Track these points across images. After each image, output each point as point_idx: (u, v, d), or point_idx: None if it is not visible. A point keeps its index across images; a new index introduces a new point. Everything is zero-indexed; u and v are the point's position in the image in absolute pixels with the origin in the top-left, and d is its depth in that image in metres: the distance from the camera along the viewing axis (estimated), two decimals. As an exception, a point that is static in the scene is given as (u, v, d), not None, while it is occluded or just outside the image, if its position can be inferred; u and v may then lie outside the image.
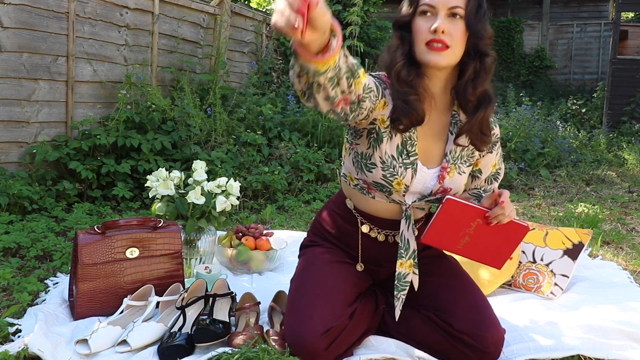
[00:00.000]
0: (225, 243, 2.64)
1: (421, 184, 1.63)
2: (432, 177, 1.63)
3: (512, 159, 5.74)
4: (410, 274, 1.68)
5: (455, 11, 1.50)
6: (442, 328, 1.65)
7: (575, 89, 11.56)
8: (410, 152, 1.59)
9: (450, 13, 1.50)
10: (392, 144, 1.58)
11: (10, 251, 2.72)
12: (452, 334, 1.62)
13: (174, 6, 5.21)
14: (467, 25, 1.51)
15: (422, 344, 1.68)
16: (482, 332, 1.60)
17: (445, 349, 1.65)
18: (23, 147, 3.85)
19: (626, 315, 2.06)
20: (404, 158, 1.59)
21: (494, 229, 1.59)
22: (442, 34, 1.49)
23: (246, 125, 5.20)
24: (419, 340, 1.69)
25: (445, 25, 1.48)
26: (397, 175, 1.58)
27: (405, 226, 1.66)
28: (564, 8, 12.71)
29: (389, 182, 1.60)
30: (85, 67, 4.27)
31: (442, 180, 1.63)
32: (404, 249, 1.66)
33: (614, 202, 4.65)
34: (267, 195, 4.21)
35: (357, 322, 1.67)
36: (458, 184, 1.66)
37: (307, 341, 1.53)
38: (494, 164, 1.76)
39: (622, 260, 2.89)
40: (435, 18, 1.49)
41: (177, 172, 2.52)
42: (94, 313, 1.98)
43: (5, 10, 3.64)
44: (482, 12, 1.52)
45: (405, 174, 1.59)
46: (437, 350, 1.66)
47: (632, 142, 7.82)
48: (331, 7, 7.23)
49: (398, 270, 1.67)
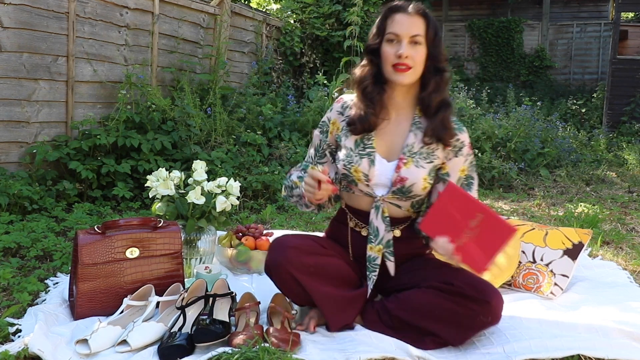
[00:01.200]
0: (225, 243, 2.64)
1: (382, 175, 1.88)
2: (391, 168, 1.89)
3: (512, 159, 5.74)
4: (379, 257, 1.92)
5: (416, 39, 1.83)
6: (443, 290, 1.79)
7: (575, 89, 11.55)
8: (367, 145, 1.90)
9: (412, 40, 1.83)
10: (351, 139, 1.92)
11: (10, 251, 2.72)
12: (453, 291, 1.78)
13: (174, 6, 5.21)
14: (426, 50, 1.85)
15: (428, 315, 1.79)
16: (481, 286, 1.79)
17: (449, 309, 1.77)
18: (23, 147, 3.85)
19: (626, 315, 2.06)
20: (360, 149, 1.89)
21: (484, 229, 1.68)
22: (406, 59, 1.82)
23: (246, 125, 5.21)
24: (425, 311, 1.80)
25: (408, 51, 1.82)
26: (353, 163, 1.88)
27: (374, 215, 1.91)
28: (564, 8, 12.71)
29: (349, 170, 1.89)
30: (85, 67, 4.27)
31: (398, 170, 1.87)
32: (374, 235, 1.91)
33: (614, 202, 4.65)
34: (267, 195, 4.21)
35: (337, 264, 1.91)
36: (415, 175, 1.86)
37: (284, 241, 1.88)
38: (463, 169, 1.94)
39: (622, 260, 2.89)
40: (400, 45, 1.82)
41: (177, 172, 2.52)
42: (94, 313, 1.98)
43: (5, 10, 3.64)
44: (438, 38, 1.87)
45: (360, 162, 1.87)
46: (443, 317, 1.77)
47: (632, 142, 7.82)
48: (331, 7, 7.23)
49: (368, 253, 1.92)
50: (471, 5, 13.23)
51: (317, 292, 1.86)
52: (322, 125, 2.03)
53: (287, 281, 1.87)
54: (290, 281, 1.86)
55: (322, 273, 1.87)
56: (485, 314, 1.76)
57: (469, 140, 1.95)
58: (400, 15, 1.84)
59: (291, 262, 1.83)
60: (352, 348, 1.76)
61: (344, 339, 1.84)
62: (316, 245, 1.94)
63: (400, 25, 1.83)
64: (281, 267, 1.84)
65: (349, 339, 1.83)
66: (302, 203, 1.97)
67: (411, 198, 1.91)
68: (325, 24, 7.26)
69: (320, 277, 1.86)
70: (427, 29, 1.84)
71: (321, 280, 1.87)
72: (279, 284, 1.93)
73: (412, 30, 1.82)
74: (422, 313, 1.81)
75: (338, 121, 1.98)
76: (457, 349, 1.84)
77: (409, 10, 1.85)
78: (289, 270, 1.83)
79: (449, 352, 1.83)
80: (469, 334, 1.82)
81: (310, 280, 1.85)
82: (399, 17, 1.84)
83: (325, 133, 2.00)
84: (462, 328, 1.79)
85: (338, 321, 1.89)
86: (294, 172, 2.04)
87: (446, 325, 1.79)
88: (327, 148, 2.00)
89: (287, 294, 1.95)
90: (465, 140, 1.93)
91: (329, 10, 7.25)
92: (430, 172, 1.89)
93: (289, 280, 1.86)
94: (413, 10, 1.85)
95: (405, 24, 1.83)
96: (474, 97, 7.28)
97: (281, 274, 1.86)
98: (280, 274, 1.86)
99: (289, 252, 1.84)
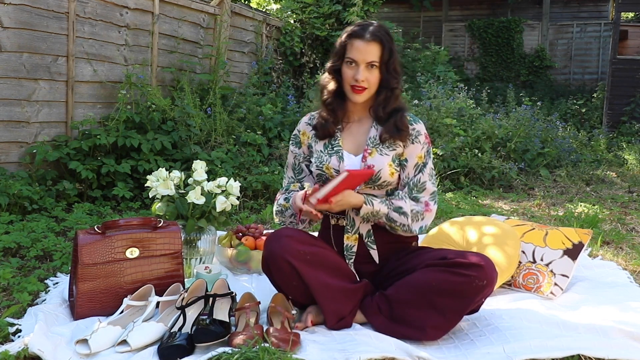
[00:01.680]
0: (225, 243, 2.64)
1: (351, 167, 2.03)
2: (359, 160, 2.05)
3: (512, 159, 5.74)
4: (355, 245, 2.06)
5: (372, 64, 1.98)
6: (438, 265, 1.90)
7: (575, 89, 11.55)
8: (334, 144, 2.08)
9: (368, 65, 1.98)
10: (320, 143, 2.12)
11: (10, 251, 2.72)
12: (447, 263, 1.89)
13: (174, 6, 5.21)
14: (379, 73, 2.00)
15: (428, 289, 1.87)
16: (472, 255, 1.93)
17: (446, 280, 1.85)
18: (23, 147, 3.85)
19: (626, 315, 2.06)
20: (329, 150, 2.08)
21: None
22: (362, 82, 1.98)
23: (246, 125, 5.21)
24: (424, 287, 1.87)
25: (363, 75, 1.98)
26: (324, 162, 2.06)
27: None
28: (564, 8, 12.70)
29: (321, 169, 2.06)
30: (85, 67, 4.27)
31: (365, 160, 2.03)
32: (350, 225, 2.06)
33: (614, 202, 4.65)
34: (267, 195, 4.21)
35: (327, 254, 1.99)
36: (380, 161, 2.01)
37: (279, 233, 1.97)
38: (420, 155, 2.06)
39: (622, 260, 2.89)
40: (357, 70, 1.98)
41: (177, 172, 2.52)
42: (94, 313, 1.98)
43: (5, 10, 3.64)
44: (392, 59, 2.01)
45: (330, 160, 2.05)
46: (441, 289, 1.85)
47: (632, 142, 7.82)
48: (331, 7, 7.23)
49: (345, 242, 2.07)
50: (471, 5, 13.22)
51: (314, 280, 1.90)
52: (294, 137, 2.20)
53: (284, 271, 1.91)
54: (287, 271, 1.90)
55: (319, 262, 1.93)
56: (480, 278, 1.84)
57: (425, 131, 2.09)
58: (358, 42, 1.98)
59: (287, 249, 1.89)
60: (352, 348, 1.76)
61: (344, 339, 1.84)
62: (310, 237, 2.02)
63: (358, 52, 1.98)
64: (278, 256, 1.90)
65: (349, 338, 1.83)
66: (298, 221, 2.07)
67: (384, 187, 2.03)
68: (325, 24, 7.26)
69: (317, 265, 1.92)
70: (382, 53, 1.98)
71: (318, 268, 1.92)
72: (277, 277, 1.96)
73: (368, 57, 1.97)
74: (421, 289, 1.88)
75: (307, 131, 2.17)
76: (457, 349, 1.84)
77: (366, 36, 1.98)
78: (285, 257, 1.89)
79: (449, 352, 1.83)
80: (467, 303, 1.87)
81: (307, 267, 1.89)
82: (357, 43, 1.98)
83: (298, 144, 2.17)
84: (460, 297, 1.85)
85: (334, 312, 1.92)
86: (280, 197, 2.15)
87: (445, 296, 1.85)
88: (303, 161, 2.16)
89: (286, 288, 1.97)
90: (421, 130, 2.07)
91: (329, 10, 7.25)
92: (394, 159, 2.03)
93: (287, 269, 1.90)
94: (370, 36, 1.97)
95: (362, 51, 1.97)
96: (474, 97, 7.27)
97: (278, 262, 1.90)
98: (278, 262, 1.90)
99: (285, 240, 1.91)
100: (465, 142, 5.39)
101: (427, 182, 2.05)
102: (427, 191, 2.04)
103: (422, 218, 2.01)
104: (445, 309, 1.86)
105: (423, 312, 1.87)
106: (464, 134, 5.47)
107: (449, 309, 1.86)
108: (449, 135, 5.43)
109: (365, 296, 2.01)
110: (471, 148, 5.42)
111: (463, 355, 1.80)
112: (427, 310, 1.87)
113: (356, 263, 2.07)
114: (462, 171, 5.20)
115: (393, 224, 2.00)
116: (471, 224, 2.53)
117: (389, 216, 1.98)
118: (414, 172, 2.05)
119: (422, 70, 8.19)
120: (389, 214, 1.98)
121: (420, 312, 1.87)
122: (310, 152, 2.15)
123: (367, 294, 2.02)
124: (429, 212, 2.03)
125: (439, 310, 1.86)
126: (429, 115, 5.62)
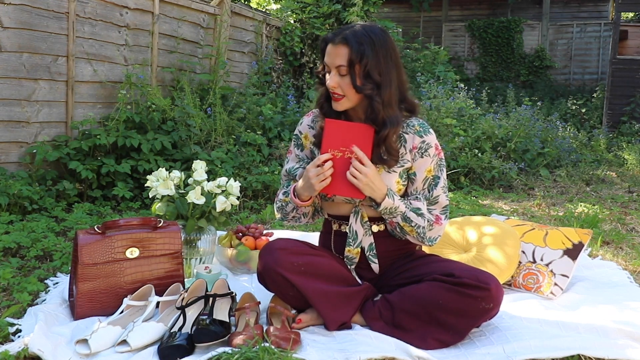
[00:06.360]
0: (225, 243, 2.64)
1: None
2: None
3: (512, 159, 5.74)
4: (357, 258, 1.99)
5: (340, 70, 1.83)
6: (445, 281, 1.83)
7: (575, 89, 11.56)
8: None
9: (338, 71, 1.84)
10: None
11: (10, 251, 2.72)
12: (454, 281, 1.82)
13: (174, 6, 5.21)
14: (350, 78, 1.83)
15: (432, 305, 1.83)
16: (480, 275, 1.84)
17: (451, 299, 1.81)
18: (23, 147, 3.85)
19: (626, 315, 2.06)
20: None
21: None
22: (334, 88, 1.85)
23: (246, 125, 5.21)
24: (429, 302, 1.83)
25: (335, 81, 1.84)
26: None
27: (354, 219, 1.97)
28: (563, 8, 12.71)
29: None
30: (85, 67, 4.27)
31: None
32: (352, 238, 1.98)
33: (614, 202, 4.65)
34: (267, 195, 4.21)
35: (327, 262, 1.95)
36: (387, 180, 1.91)
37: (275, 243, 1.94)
38: (429, 169, 1.95)
39: (622, 260, 2.89)
40: (330, 74, 1.86)
41: (177, 172, 2.52)
42: (94, 313, 1.98)
43: (5, 10, 3.64)
44: (364, 63, 1.80)
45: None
46: (446, 306, 1.81)
47: (632, 142, 7.82)
48: (331, 7, 7.23)
49: (346, 254, 2.00)
50: (471, 5, 13.23)
51: (310, 290, 1.87)
52: (295, 139, 2.11)
53: (279, 284, 1.88)
54: (282, 283, 1.88)
55: (314, 271, 1.89)
56: (486, 301, 1.79)
57: (436, 142, 1.95)
58: (328, 46, 1.87)
59: (280, 263, 1.86)
60: (352, 348, 1.76)
61: (343, 339, 1.84)
62: (305, 246, 1.97)
63: (327, 56, 1.87)
64: (271, 269, 1.87)
65: (349, 339, 1.83)
66: (300, 214, 2.01)
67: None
68: (325, 24, 7.26)
69: (312, 275, 1.88)
70: (350, 56, 1.81)
71: (313, 278, 1.88)
72: (273, 289, 1.94)
73: (336, 61, 1.83)
74: (426, 303, 1.84)
75: (309, 135, 2.06)
76: (457, 349, 1.84)
77: (335, 40, 1.84)
78: (278, 271, 1.85)
79: (449, 351, 1.83)
80: (471, 323, 1.84)
81: (301, 279, 1.86)
82: (328, 47, 1.87)
83: (300, 146, 2.08)
84: (465, 317, 1.81)
85: (334, 319, 1.90)
86: (279, 193, 2.08)
87: (449, 314, 1.81)
88: (305, 165, 2.03)
89: (283, 298, 1.96)
90: (431, 142, 1.93)
91: (329, 10, 7.25)
92: (402, 175, 1.94)
93: (281, 282, 1.87)
94: (338, 39, 1.83)
95: (331, 55, 1.85)
96: (474, 97, 7.27)
97: (272, 276, 1.88)
98: (272, 276, 1.88)
99: (277, 253, 1.88)
100: (465, 142, 5.40)
101: (441, 195, 1.94)
102: (440, 204, 1.94)
103: (431, 228, 1.92)
104: (448, 325, 1.83)
105: (426, 325, 1.85)
106: (464, 134, 5.47)
107: (452, 326, 1.83)
108: (449, 136, 5.43)
109: (367, 299, 1.98)
110: (471, 148, 5.42)
111: (463, 355, 1.79)
112: (430, 324, 1.84)
113: (357, 268, 2.03)
114: (462, 171, 5.20)
115: (409, 224, 1.89)
116: (471, 224, 2.53)
117: (406, 215, 1.88)
118: (423, 186, 1.95)
119: (422, 70, 8.19)
120: (406, 213, 1.88)
121: (423, 325, 1.85)
122: (314, 156, 2.05)
123: (369, 297, 1.99)
124: (439, 225, 1.93)
125: (443, 325, 1.83)
126: (429, 115, 5.62)
